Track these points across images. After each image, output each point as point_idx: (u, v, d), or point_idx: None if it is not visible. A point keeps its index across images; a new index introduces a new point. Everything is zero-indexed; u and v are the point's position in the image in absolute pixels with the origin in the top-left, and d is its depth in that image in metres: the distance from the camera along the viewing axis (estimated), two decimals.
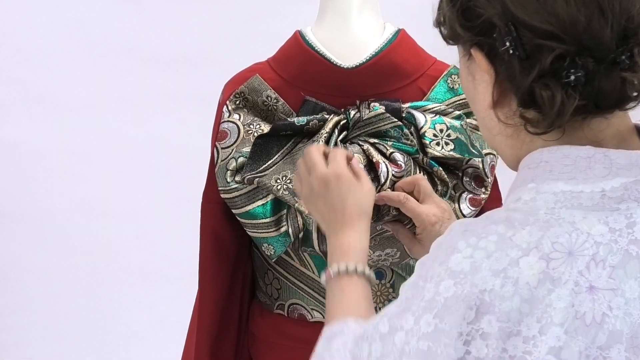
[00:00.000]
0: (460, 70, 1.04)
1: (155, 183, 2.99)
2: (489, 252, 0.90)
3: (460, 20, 0.96)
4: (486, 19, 0.93)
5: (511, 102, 0.95)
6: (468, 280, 0.90)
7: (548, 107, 0.90)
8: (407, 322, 0.93)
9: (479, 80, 0.99)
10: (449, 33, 1.00)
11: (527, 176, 0.96)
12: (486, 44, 0.94)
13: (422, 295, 0.93)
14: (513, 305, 0.88)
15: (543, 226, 0.90)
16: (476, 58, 0.96)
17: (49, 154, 2.95)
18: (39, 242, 2.98)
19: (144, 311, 3.04)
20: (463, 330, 0.89)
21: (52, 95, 2.92)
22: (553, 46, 0.88)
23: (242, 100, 1.52)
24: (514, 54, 0.91)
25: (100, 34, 2.91)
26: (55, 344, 3.02)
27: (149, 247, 3.02)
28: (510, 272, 0.88)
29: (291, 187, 1.43)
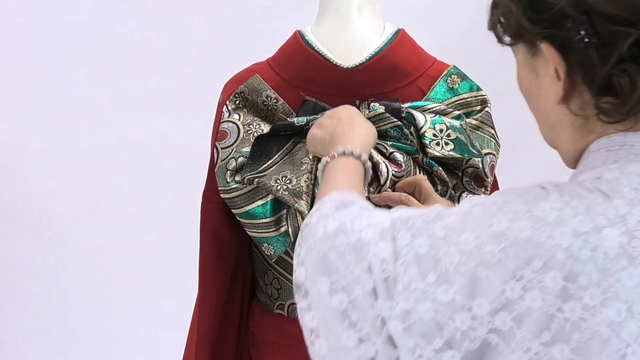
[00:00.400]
0: (520, 71, 1.03)
1: (155, 183, 2.99)
2: (577, 212, 0.91)
3: (528, 14, 0.96)
4: (558, 10, 0.93)
5: (583, 93, 0.96)
6: (547, 230, 0.90)
7: (627, 94, 0.91)
8: (467, 242, 0.93)
9: (543, 76, 0.99)
10: (513, 30, 0.99)
11: (607, 157, 0.96)
12: (557, 35, 0.94)
13: (490, 223, 0.93)
14: (585, 270, 0.89)
15: (630, 202, 0.91)
16: (546, 52, 0.96)
17: (49, 154, 2.95)
18: (39, 242, 2.98)
19: (144, 311, 3.04)
20: (525, 275, 0.89)
21: (52, 95, 2.92)
22: (629, 32, 0.89)
23: (242, 100, 1.52)
24: (590, 43, 0.91)
25: (100, 34, 2.91)
26: (55, 344, 3.02)
27: (149, 247, 3.02)
28: (591, 238, 0.89)
29: (291, 187, 1.43)
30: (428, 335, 0.94)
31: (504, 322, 0.90)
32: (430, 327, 0.93)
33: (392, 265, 0.96)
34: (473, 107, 1.54)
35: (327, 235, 1.03)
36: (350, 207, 1.06)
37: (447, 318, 0.92)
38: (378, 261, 0.97)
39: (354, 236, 1.00)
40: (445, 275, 0.93)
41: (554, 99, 0.98)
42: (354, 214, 1.04)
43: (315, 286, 1.02)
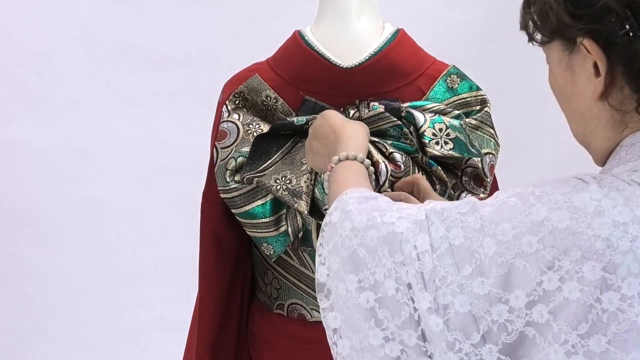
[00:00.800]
0: (554, 69, 1.03)
1: (155, 183, 2.99)
2: (616, 204, 0.90)
3: (569, 9, 0.96)
4: (602, 5, 0.93)
5: (622, 88, 0.96)
6: (586, 221, 0.90)
7: None
8: (505, 233, 0.92)
9: (580, 73, 0.99)
10: (553, 27, 0.98)
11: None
12: (600, 31, 0.94)
13: (527, 213, 0.92)
14: (624, 261, 0.89)
15: None
16: (588, 47, 0.95)
17: (49, 154, 2.95)
18: (39, 242, 2.98)
19: (144, 311, 3.04)
20: (563, 266, 0.89)
21: (52, 95, 2.92)
22: None
23: (242, 100, 1.52)
24: (636, 36, 0.91)
25: (100, 34, 2.91)
26: (55, 344, 3.02)
27: (148, 247, 3.02)
28: (630, 229, 0.89)
29: (290, 187, 1.43)
30: (466, 329, 0.93)
31: (541, 314, 0.90)
32: (468, 321, 0.93)
33: (428, 257, 0.95)
34: (472, 107, 1.54)
35: (355, 231, 1.02)
36: (374, 201, 1.05)
37: (483, 311, 0.92)
38: (414, 254, 0.96)
39: (386, 229, 0.99)
40: (480, 268, 0.92)
41: (592, 95, 0.98)
42: (382, 207, 1.02)
43: (342, 284, 1.01)
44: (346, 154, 1.23)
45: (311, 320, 1.56)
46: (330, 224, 1.06)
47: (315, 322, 1.56)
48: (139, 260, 3.02)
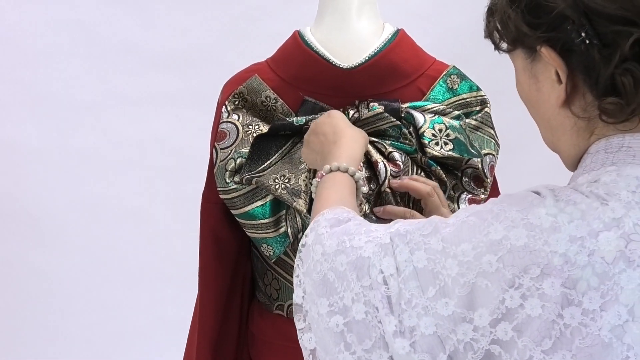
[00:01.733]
0: (519, 77, 1.03)
1: (155, 183, 2.99)
2: (572, 218, 0.90)
3: (526, 19, 0.96)
4: (558, 13, 0.93)
5: (585, 95, 0.95)
6: (543, 237, 0.90)
7: (632, 93, 0.91)
8: (465, 254, 0.93)
9: (543, 81, 0.99)
10: (512, 36, 0.99)
11: (605, 160, 0.96)
12: (557, 39, 0.94)
13: (486, 232, 0.92)
14: (583, 275, 0.88)
15: (627, 206, 0.91)
16: (546, 56, 0.95)
17: (49, 154, 2.95)
18: (39, 242, 2.98)
19: (144, 311, 3.04)
20: (524, 283, 0.89)
21: (52, 95, 2.92)
22: (630, 31, 0.89)
23: (241, 100, 1.52)
24: (592, 44, 0.91)
25: (100, 34, 2.91)
26: (55, 344, 3.02)
27: (148, 247, 3.02)
28: (587, 243, 0.89)
29: (289, 186, 1.43)
30: (432, 350, 0.94)
31: (505, 332, 0.90)
32: (434, 342, 0.93)
33: (394, 281, 0.96)
34: (473, 108, 1.54)
35: (326, 255, 1.03)
36: (345, 224, 1.06)
37: (448, 331, 0.92)
38: (380, 278, 0.97)
39: (354, 253, 1.00)
40: (444, 289, 0.93)
41: (556, 102, 0.98)
42: (352, 231, 1.04)
43: (315, 307, 1.02)
44: (338, 164, 1.23)
45: None
46: (305, 245, 1.08)
47: None
48: (139, 260, 3.02)
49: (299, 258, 1.08)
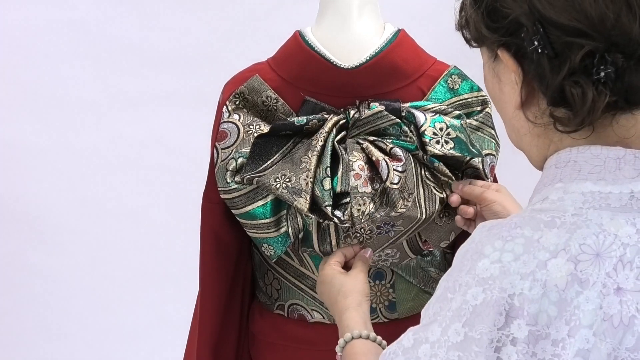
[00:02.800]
0: (485, 73, 1.03)
1: (155, 183, 2.99)
2: (516, 255, 0.90)
3: (485, 21, 0.96)
4: (513, 19, 0.93)
5: (540, 102, 0.95)
6: (497, 285, 0.89)
7: (579, 105, 0.90)
8: (434, 333, 0.92)
9: (505, 81, 0.99)
10: (474, 35, 0.99)
11: (554, 175, 0.96)
12: (513, 44, 0.94)
13: (449, 306, 0.92)
14: (541, 308, 0.88)
15: (570, 228, 0.90)
16: (503, 59, 0.96)
17: (49, 153, 2.95)
18: (39, 242, 2.98)
19: (144, 311, 3.04)
20: (493, 337, 0.89)
21: (52, 95, 2.92)
22: (582, 43, 0.89)
23: (242, 100, 1.52)
24: (543, 53, 0.91)
25: (100, 34, 2.91)
26: (55, 344, 3.02)
27: (149, 247, 3.02)
28: (538, 275, 0.88)
29: (290, 185, 1.43)
30: None
31: None
32: None
33: None
34: (473, 108, 1.54)
35: None
36: None
37: None
38: None
39: None
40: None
41: (514, 104, 0.98)
42: None
43: None
44: (350, 334, 1.26)
45: (311, 321, 1.56)
46: None
47: (315, 323, 1.56)
48: (139, 260, 3.02)
49: None
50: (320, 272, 1.44)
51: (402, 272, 1.56)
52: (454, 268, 0.95)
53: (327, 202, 1.41)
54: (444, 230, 1.49)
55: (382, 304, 1.56)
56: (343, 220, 1.42)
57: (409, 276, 1.56)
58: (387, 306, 1.56)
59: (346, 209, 1.42)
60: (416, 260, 1.56)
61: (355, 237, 1.44)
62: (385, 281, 1.55)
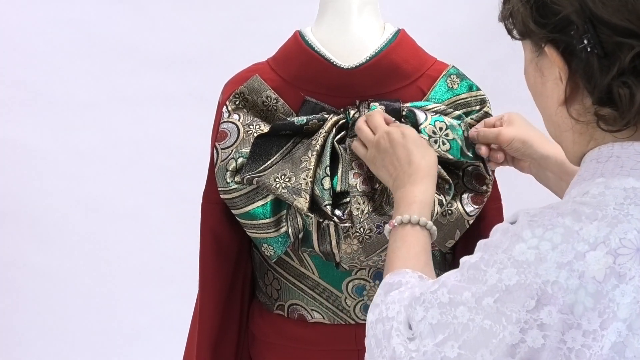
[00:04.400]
0: (527, 66, 1.03)
1: (155, 183, 2.99)
2: (554, 244, 0.91)
3: (534, 16, 0.96)
4: (564, 16, 0.93)
5: (584, 99, 0.96)
6: (532, 270, 0.91)
7: (626, 106, 0.91)
8: (469, 300, 0.94)
9: (547, 76, 0.99)
10: (520, 29, 0.99)
11: (595, 170, 0.96)
12: (561, 41, 0.94)
13: (484, 279, 0.94)
14: (577, 299, 0.89)
15: (611, 222, 0.91)
16: (550, 55, 0.96)
17: (49, 154, 2.95)
18: (39, 242, 2.98)
19: (144, 311, 3.04)
20: (521, 318, 0.90)
21: (52, 95, 2.92)
22: (633, 44, 0.89)
23: (242, 100, 1.52)
24: (593, 52, 0.91)
25: (100, 34, 2.91)
26: (55, 344, 3.02)
27: (149, 247, 3.02)
28: (575, 266, 0.89)
29: (290, 185, 1.43)
30: None
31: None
32: None
33: (413, 344, 0.99)
34: (472, 107, 1.54)
35: (370, 324, 1.09)
36: (395, 291, 1.09)
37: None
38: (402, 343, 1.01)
39: (388, 324, 1.05)
40: (453, 334, 0.95)
41: (557, 100, 0.98)
42: (395, 299, 1.07)
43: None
44: (409, 216, 1.23)
45: (311, 321, 1.56)
46: (373, 302, 1.13)
47: (315, 323, 1.56)
48: (139, 260, 3.02)
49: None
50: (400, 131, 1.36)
51: None
52: (493, 242, 0.97)
53: (327, 201, 1.41)
54: (448, 229, 1.49)
55: None
56: (343, 219, 1.42)
57: None
58: None
59: (346, 209, 1.42)
60: None
61: (355, 236, 1.44)
62: None
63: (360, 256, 1.46)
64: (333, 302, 1.55)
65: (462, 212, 1.49)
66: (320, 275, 1.54)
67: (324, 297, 1.55)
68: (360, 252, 1.46)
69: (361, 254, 1.46)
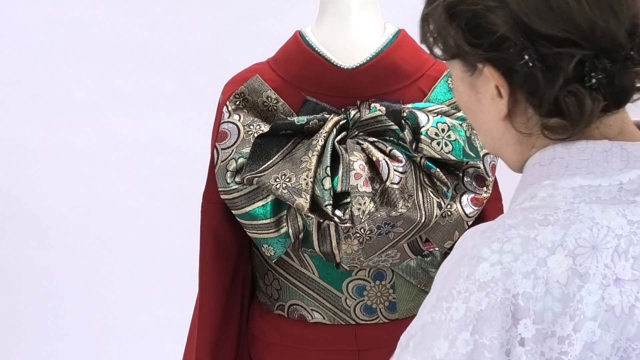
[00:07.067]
0: (458, 86, 1.01)
1: (155, 183, 2.99)
2: (516, 255, 0.89)
3: (467, 37, 0.93)
4: (500, 35, 0.91)
5: (526, 111, 0.94)
6: (500, 287, 0.88)
7: (575, 114, 0.89)
8: (440, 349, 0.90)
9: (483, 93, 0.97)
10: (451, 51, 0.96)
11: (540, 173, 0.95)
12: (500, 59, 0.92)
13: (450, 316, 0.90)
14: (546, 306, 0.87)
15: (564, 224, 0.90)
16: (488, 74, 0.94)
17: (49, 154, 2.94)
18: (39, 242, 2.98)
19: (144, 311, 3.03)
20: (503, 340, 0.88)
21: (52, 95, 2.92)
22: (574, 52, 0.88)
23: (242, 100, 1.52)
24: (535, 66, 0.90)
25: (100, 34, 2.90)
26: (55, 344, 3.02)
27: (149, 247, 3.02)
28: (539, 272, 0.88)
29: (290, 185, 1.43)
30: None
31: None
32: None
33: None
34: None
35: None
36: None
37: None
38: None
39: None
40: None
41: (497, 116, 0.96)
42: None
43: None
44: None
45: (311, 321, 1.56)
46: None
47: (315, 323, 1.56)
48: (139, 260, 3.02)
49: None
50: None
51: (402, 272, 1.56)
52: (448, 277, 0.93)
53: (328, 201, 1.41)
54: (447, 230, 1.49)
55: (383, 304, 1.56)
56: (343, 219, 1.42)
57: (409, 277, 1.56)
58: (388, 307, 1.56)
59: (347, 209, 1.42)
60: (416, 260, 1.56)
61: (355, 237, 1.44)
62: (385, 282, 1.55)
63: (360, 256, 1.46)
64: (333, 302, 1.55)
65: (461, 213, 1.49)
66: (321, 276, 1.54)
67: (324, 297, 1.55)
68: (361, 252, 1.46)
69: (361, 255, 1.46)
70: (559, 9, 0.88)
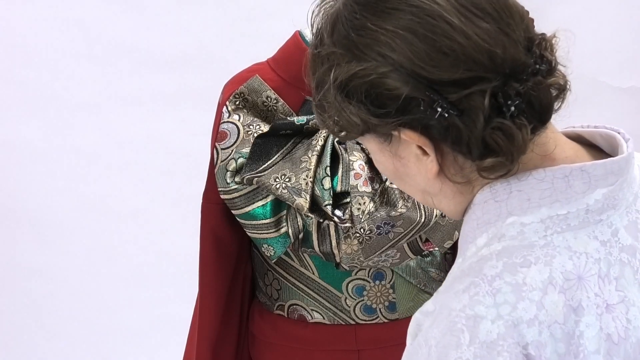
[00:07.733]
0: (378, 156, 0.96)
1: (155, 183, 2.99)
2: (512, 304, 0.85)
3: (372, 110, 0.89)
4: (405, 98, 0.87)
5: (456, 159, 0.90)
6: (508, 342, 0.84)
7: (507, 147, 0.86)
8: None
9: (407, 157, 0.93)
10: (360, 129, 0.91)
11: (499, 210, 0.91)
12: (413, 119, 0.88)
13: None
14: (548, 349, 0.85)
15: (546, 260, 0.87)
16: (406, 137, 0.89)
17: (49, 153, 2.94)
18: (39, 242, 2.98)
19: (144, 311, 3.04)
20: None
21: (52, 95, 2.92)
22: (483, 89, 0.85)
23: (242, 100, 1.52)
24: (451, 115, 0.86)
25: (100, 34, 2.90)
26: (55, 344, 3.02)
27: (149, 246, 3.02)
28: (541, 317, 0.85)
29: (290, 185, 1.43)
30: None
31: None
32: None
33: None
34: None
35: None
36: None
37: None
38: None
39: None
40: None
41: (428, 174, 0.92)
42: None
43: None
44: None
45: (311, 321, 1.56)
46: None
47: (315, 323, 1.56)
48: (139, 260, 3.02)
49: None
50: None
51: (402, 272, 1.56)
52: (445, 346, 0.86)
53: (327, 201, 1.41)
54: (447, 230, 1.49)
55: (382, 304, 1.56)
56: (343, 219, 1.42)
57: (409, 276, 1.56)
58: (387, 306, 1.56)
59: (346, 209, 1.42)
60: (416, 260, 1.56)
61: (355, 237, 1.44)
62: (385, 281, 1.55)
63: (360, 256, 1.47)
64: (333, 302, 1.55)
65: None
66: (321, 276, 1.55)
67: (324, 297, 1.55)
68: (360, 252, 1.46)
69: (361, 255, 1.46)
70: (453, 51, 0.85)
